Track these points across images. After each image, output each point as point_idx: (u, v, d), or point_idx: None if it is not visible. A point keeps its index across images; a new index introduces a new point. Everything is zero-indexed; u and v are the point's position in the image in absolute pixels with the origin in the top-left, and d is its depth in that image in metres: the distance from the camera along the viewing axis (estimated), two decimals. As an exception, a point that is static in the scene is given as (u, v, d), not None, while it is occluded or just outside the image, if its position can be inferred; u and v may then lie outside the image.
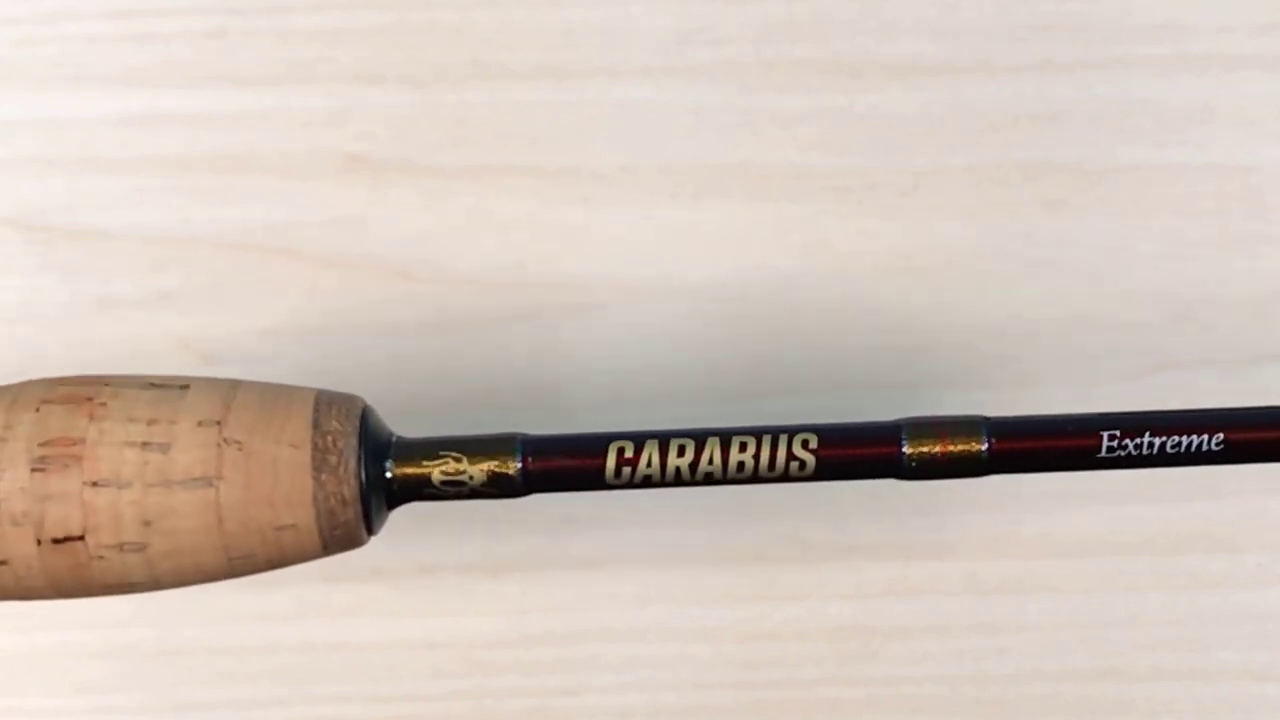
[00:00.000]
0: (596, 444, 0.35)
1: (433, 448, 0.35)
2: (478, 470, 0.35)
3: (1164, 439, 0.35)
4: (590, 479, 0.35)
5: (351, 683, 0.46)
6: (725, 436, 0.35)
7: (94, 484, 0.33)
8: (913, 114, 0.44)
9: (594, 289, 0.44)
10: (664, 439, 0.35)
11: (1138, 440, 0.35)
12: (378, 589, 0.45)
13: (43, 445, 0.33)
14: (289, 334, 0.44)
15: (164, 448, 0.33)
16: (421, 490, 0.35)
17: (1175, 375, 0.45)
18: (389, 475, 0.35)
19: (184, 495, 0.33)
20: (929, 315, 0.45)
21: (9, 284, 0.44)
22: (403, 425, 0.36)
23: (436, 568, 0.46)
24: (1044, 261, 0.44)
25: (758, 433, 0.35)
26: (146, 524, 0.33)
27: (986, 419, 0.35)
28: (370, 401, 0.36)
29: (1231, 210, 0.44)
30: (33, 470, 0.33)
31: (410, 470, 0.35)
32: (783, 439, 0.35)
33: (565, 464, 0.35)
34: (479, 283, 0.44)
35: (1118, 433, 0.35)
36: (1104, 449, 0.35)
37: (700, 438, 0.35)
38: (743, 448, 0.35)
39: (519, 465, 0.35)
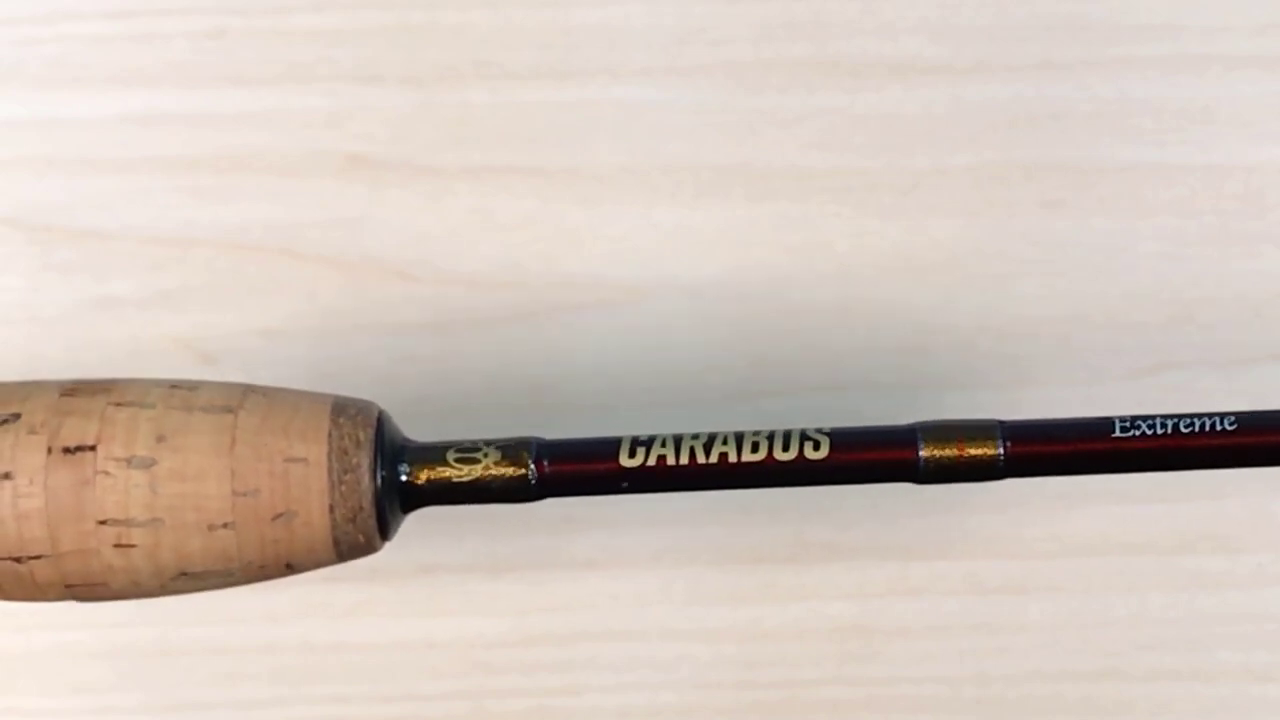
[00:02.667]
0: (609, 448, 0.35)
1: (446, 452, 0.35)
2: (492, 474, 0.35)
3: (1177, 420, 0.35)
4: (603, 483, 0.35)
5: (351, 683, 0.46)
6: (738, 439, 0.35)
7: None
8: (913, 114, 0.44)
9: (594, 289, 0.44)
10: (677, 442, 0.35)
11: (1150, 420, 0.35)
12: (378, 589, 0.45)
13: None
14: (289, 334, 0.44)
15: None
16: (436, 495, 0.35)
17: (1175, 375, 0.45)
18: (404, 479, 0.35)
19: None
20: (929, 315, 0.45)
21: (9, 284, 0.44)
22: (403, 425, 0.36)
23: (436, 568, 0.46)
24: (1044, 261, 0.44)
25: (771, 436, 0.35)
26: (160, 439, 0.33)
27: (1001, 422, 0.35)
28: (369, 401, 0.36)
29: (1231, 210, 0.44)
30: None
31: (425, 475, 0.35)
32: (795, 442, 0.35)
33: (579, 468, 0.35)
34: (479, 283, 0.44)
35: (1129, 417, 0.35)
36: (1117, 429, 0.35)
37: (713, 441, 0.35)
38: (755, 448, 0.35)
39: (533, 469, 0.35)
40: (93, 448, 0.33)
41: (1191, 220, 0.44)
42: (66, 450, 0.33)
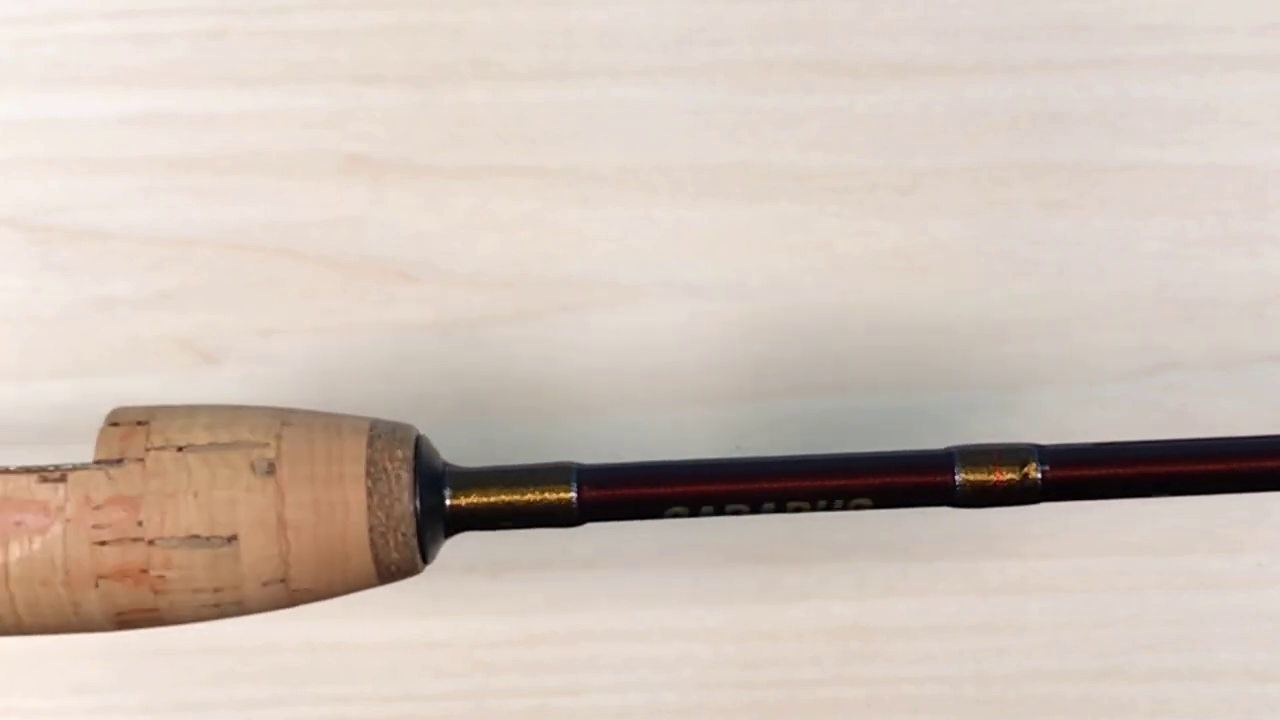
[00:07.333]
0: (650, 472, 0.35)
1: (488, 477, 0.35)
2: (535, 499, 0.35)
3: (1217, 442, 0.35)
4: (646, 507, 0.35)
5: (351, 683, 0.46)
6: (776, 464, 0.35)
7: None
8: (913, 114, 0.44)
9: (594, 289, 0.44)
10: (715, 467, 0.35)
11: (1189, 444, 0.35)
12: (378, 589, 0.45)
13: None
14: (289, 334, 0.44)
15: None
16: (478, 519, 0.35)
17: (1175, 375, 0.45)
18: (447, 504, 0.35)
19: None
20: (929, 315, 0.45)
21: (9, 284, 0.44)
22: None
23: (437, 567, 0.45)
24: (1044, 261, 0.44)
25: (805, 461, 0.36)
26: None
27: (1039, 446, 0.35)
28: (369, 401, 0.36)
29: (1231, 210, 0.44)
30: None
31: (467, 500, 0.35)
32: (833, 466, 0.35)
33: (620, 493, 0.35)
34: (479, 283, 0.44)
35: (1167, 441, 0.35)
36: (1155, 452, 0.35)
37: (750, 467, 0.35)
38: (793, 473, 0.35)
39: (574, 495, 0.35)
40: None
41: (1191, 220, 0.44)
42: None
